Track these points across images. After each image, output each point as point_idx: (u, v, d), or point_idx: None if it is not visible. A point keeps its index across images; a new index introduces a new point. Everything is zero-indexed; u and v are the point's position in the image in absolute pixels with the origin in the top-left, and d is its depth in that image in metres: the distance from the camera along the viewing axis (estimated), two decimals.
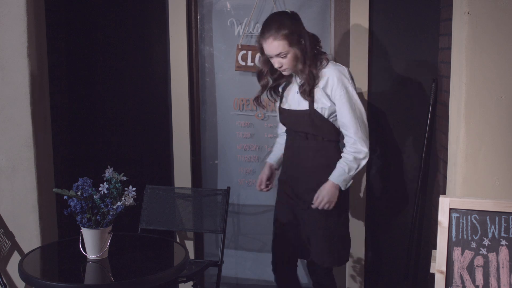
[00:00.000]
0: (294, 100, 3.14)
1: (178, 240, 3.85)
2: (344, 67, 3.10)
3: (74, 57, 3.78)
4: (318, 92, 3.04)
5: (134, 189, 2.68)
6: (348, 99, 3.02)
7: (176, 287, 3.91)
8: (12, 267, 3.30)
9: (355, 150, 3.04)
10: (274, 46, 2.97)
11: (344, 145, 3.10)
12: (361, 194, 3.76)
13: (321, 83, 3.05)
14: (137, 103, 3.81)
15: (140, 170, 3.83)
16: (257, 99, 3.24)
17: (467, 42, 2.92)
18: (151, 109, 3.81)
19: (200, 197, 3.71)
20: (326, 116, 3.07)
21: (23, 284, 3.31)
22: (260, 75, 3.21)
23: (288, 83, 3.21)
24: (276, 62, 3.03)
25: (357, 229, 3.76)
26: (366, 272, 3.85)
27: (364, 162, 3.08)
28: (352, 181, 3.10)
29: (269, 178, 3.36)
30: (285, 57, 3.00)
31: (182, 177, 3.80)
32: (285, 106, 3.19)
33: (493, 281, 2.71)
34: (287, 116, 3.19)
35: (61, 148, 3.63)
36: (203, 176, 3.93)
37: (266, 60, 3.12)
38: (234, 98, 3.83)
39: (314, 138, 3.11)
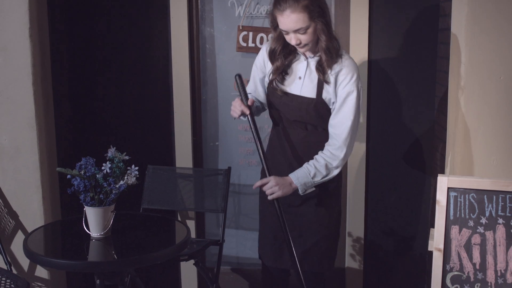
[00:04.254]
0: (296, 84, 2.80)
1: (179, 219, 3.89)
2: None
3: (75, 38, 3.80)
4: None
5: (136, 168, 2.71)
6: (356, 101, 2.70)
7: (177, 266, 3.96)
8: (16, 246, 3.35)
9: (332, 156, 2.71)
10: (293, 19, 2.55)
11: None
12: (361, 173, 3.80)
13: (334, 71, 2.71)
14: (138, 84, 3.83)
15: (142, 151, 3.86)
16: (271, 84, 2.83)
17: (466, 22, 2.94)
18: (153, 90, 3.84)
19: (201, 177, 3.74)
20: (330, 107, 2.76)
21: (27, 262, 3.36)
22: (273, 55, 2.81)
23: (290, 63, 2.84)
24: (293, 39, 2.63)
25: (356, 208, 3.81)
26: (366, 251, 3.89)
27: (335, 173, 2.74)
28: (313, 188, 2.76)
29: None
30: (304, 32, 2.59)
31: (184, 157, 3.83)
32: (285, 89, 2.81)
33: (490, 258, 2.75)
34: (286, 102, 2.79)
35: (63, 129, 3.66)
36: (204, 157, 3.96)
37: (280, 36, 2.73)
38: (234, 80, 3.85)
39: (315, 128, 2.82)
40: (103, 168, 2.66)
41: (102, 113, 3.87)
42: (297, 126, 2.82)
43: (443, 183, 2.79)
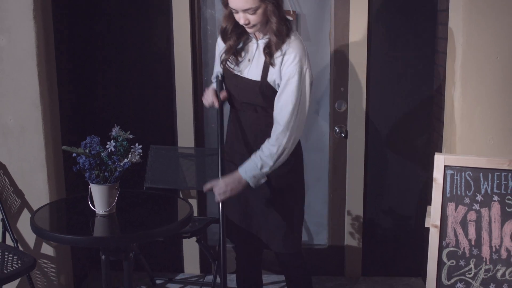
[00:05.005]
0: (245, 66, 2.76)
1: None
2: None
3: (78, 19, 3.82)
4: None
5: (140, 146, 2.76)
6: (298, 83, 2.62)
7: (180, 244, 4.03)
8: (22, 224, 3.41)
9: (277, 141, 2.64)
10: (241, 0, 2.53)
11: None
12: (360, 153, 3.86)
13: (278, 53, 2.65)
14: (141, 66, 3.86)
15: (145, 131, 3.90)
16: (223, 64, 2.81)
17: (464, 3, 2.98)
18: (155, 71, 3.87)
19: (203, 156, 3.79)
20: (277, 90, 2.71)
21: (33, 240, 3.43)
22: (224, 34, 2.78)
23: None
24: (242, 18, 2.59)
25: (355, 187, 3.87)
26: (364, 230, 3.95)
27: (281, 160, 2.67)
28: (265, 178, 2.72)
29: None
30: (254, 13, 2.55)
31: (185, 137, 3.88)
32: (235, 71, 2.78)
33: (485, 235, 2.81)
34: (235, 84, 2.77)
35: (67, 109, 3.71)
36: (205, 136, 4.01)
37: (230, 15, 2.68)
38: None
39: (265, 111, 2.75)
40: (107, 146, 2.71)
41: (104, 94, 3.91)
42: (247, 108, 2.79)
43: (440, 161, 2.85)
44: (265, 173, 2.67)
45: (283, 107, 2.64)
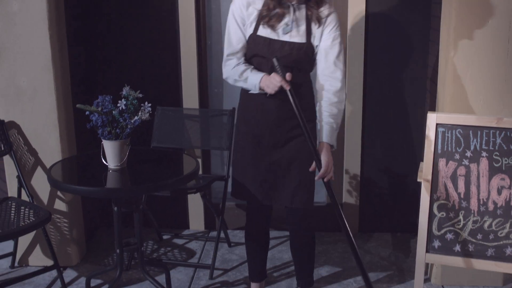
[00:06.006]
0: (284, 30, 2.80)
1: None
2: None
3: None
4: (314, 27, 2.81)
5: (149, 105, 2.90)
6: (341, 43, 2.83)
7: (185, 200, 4.19)
8: (36, 181, 3.57)
9: (339, 99, 2.82)
10: None
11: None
12: (358, 113, 3.99)
13: (323, 14, 2.80)
14: (147, 31, 3.97)
15: (151, 93, 4.02)
16: (258, 30, 2.81)
17: None
18: (161, 36, 3.97)
19: (207, 117, 3.93)
20: (316, 51, 2.84)
21: (47, 196, 3.59)
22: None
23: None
24: None
25: (353, 147, 4.01)
26: (362, 187, 4.11)
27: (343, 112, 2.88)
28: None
29: None
30: None
31: (190, 99, 4.00)
32: (273, 36, 2.80)
33: (473, 188, 2.97)
34: (277, 49, 2.78)
35: (77, 71, 3.84)
36: (209, 98, 4.14)
37: None
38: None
39: (298, 71, 2.82)
40: (118, 105, 2.86)
41: (112, 58, 4.02)
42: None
43: (432, 119, 3.00)
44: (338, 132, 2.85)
45: (335, 66, 2.81)
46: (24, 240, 3.65)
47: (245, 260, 3.76)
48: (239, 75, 2.85)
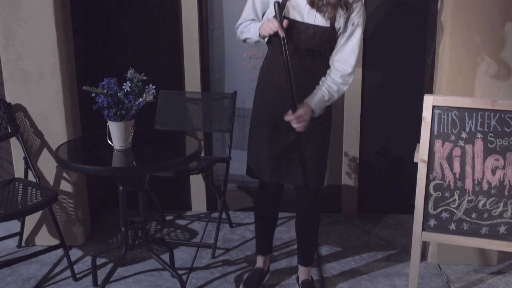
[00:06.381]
0: (309, 14, 2.85)
1: None
2: None
3: None
4: (341, 12, 2.84)
5: (153, 87, 2.98)
6: (362, 30, 2.89)
7: (188, 181, 4.27)
8: (43, 163, 3.65)
9: (344, 82, 2.90)
10: None
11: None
12: (357, 96, 4.06)
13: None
14: (150, 15, 4.02)
15: (154, 77, 4.07)
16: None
17: None
18: (163, 21, 4.02)
19: (209, 100, 3.99)
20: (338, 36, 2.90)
21: (53, 177, 3.67)
22: None
23: None
24: None
25: (352, 129, 4.08)
26: (360, 170, 4.18)
27: (341, 94, 2.97)
28: (323, 111, 2.94)
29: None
30: None
31: (192, 82, 4.07)
32: (298, 18, 2.85)
33: (468, 169, 3.05)
34: (302, 31, 2.83)
35: (81, 55, 3.91)
36: (211, 82, 4.20)
37: None
38: (239, 9, 4.03)
39: (319, 55, 2.91)
40: (123, 87, 2.94)
41: (116, 42, 4.08)
42: (305, 54, 2.89)
43: (428, 101, 3.07)
44: (326, 106, 2.92)
45: (351, 52, 2.88)
46: (31, 221, 3.74)
47: (246, 240, 3.88)
48: (244, 27, 3.01)
